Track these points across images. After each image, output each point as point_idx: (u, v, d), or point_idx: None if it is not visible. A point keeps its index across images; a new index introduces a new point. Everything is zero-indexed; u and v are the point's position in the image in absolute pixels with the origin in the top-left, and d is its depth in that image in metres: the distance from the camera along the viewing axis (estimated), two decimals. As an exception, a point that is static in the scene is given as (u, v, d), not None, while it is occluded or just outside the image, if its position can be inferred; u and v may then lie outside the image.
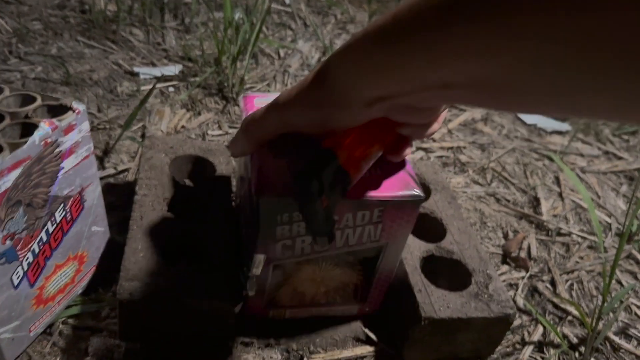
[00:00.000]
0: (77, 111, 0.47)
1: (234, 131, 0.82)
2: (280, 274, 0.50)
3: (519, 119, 0.99)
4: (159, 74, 0.90)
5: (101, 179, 0.69)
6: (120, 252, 0.52)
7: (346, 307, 0.55)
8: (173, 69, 0.92)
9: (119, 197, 0.66)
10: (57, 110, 0.48)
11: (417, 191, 0.45)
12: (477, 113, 0.98)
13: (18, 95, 0.49)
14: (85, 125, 0.49)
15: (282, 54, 1.03)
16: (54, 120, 0.45)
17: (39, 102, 0.48)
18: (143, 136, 0.77)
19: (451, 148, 0.87)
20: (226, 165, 0.64)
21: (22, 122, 0.46)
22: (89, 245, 0.54)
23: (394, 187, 0.45)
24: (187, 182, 0.66)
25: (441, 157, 0.85)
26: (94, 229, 0.54)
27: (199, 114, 0.84)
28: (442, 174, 0.69)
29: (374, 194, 0.45)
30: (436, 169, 0.70)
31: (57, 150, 0.46)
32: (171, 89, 0.88)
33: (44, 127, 0.44)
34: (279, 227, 0.45)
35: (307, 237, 0.46)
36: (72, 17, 1.01)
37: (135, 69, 0.90)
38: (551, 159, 0.89)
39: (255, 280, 0.49)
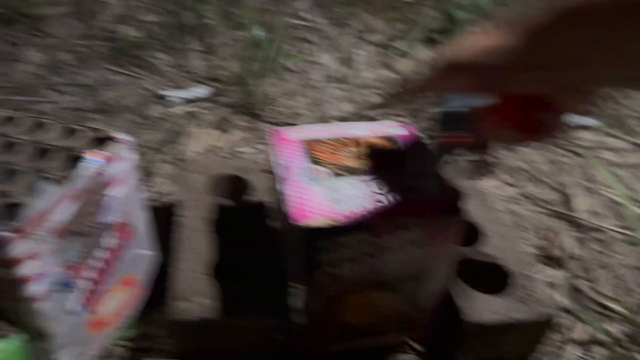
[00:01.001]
0: (122, 141, 0.49)
1: (263, 147, 0.84)
2: (327, 303, 0.50)
3: (545, 117, 0.99)
4: (187, 97, 0.92)
5: (141, 202, 0.71)
6: (168, 274, 0.53)
7: (395, 336, 0.56)
8: (200, 91, 0.94)
9: (162, 219, 0.68)
10: (103, 142, 0.50)
11: (458, 211, 0.46)
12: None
13: (66, 128, 0.51)
14: (133, 155, 0.51)
15: (304, 68, 1.05)
16: (102, 151, 0.47)
17: (86, 134, 0.50)
18: (177, 158, 0.79)
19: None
20: (261, 183, 0.66)
21: (72, 154, 0.48)
22: (139, 268, 0.56)
23: (435, 207, 0.46)
24: (226, 201, 0.68)
25: (470, 159, 0.85)
26: (142, 253, 0.56)
27: (229, 132, 0.86)
28: (473, 181, 0.69)
29: (414, 213, 0.46)
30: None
31: (105, 179, 0.48)
32: (199, 110, 0.91)
33: (93, 158, 0.46)
34: (323, 255, 0.46)
35: (353, 263, 0.47)
36: (99, 46, 1.04)
37: (164, 93, 0.92)
38: (580, 155, 0.89)
39: (301, 310, 0.50)
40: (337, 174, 0.49)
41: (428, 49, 1.16)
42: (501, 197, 0.78)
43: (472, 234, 0.62)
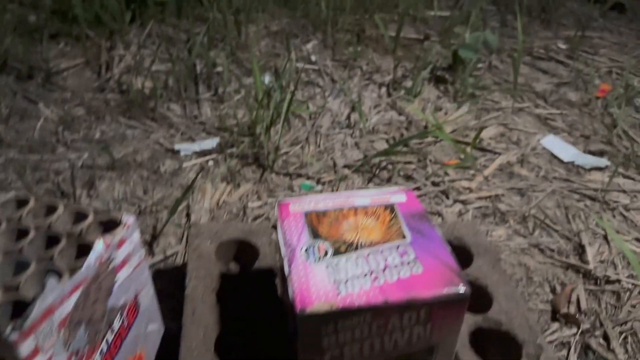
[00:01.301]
0: (127, 225, 0.50)
1: (272, 201, 0.85)
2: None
3: (556, 158, 0.98)
4: (198, 149, 0.94)
5: (151, 265, 0.72)
6: (176, 344, 0.54)
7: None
8: (211, 142, 0.95)
9: (170, 283, 0.69)
10: (108, 224, 0.51)
11: (462, 288, 0.46)
12: (513, 155, 0.97)
13: (71, 212, 0.53)
14: (136, 236, 0.52)
15: (312, 114, 1.06)
16: (107, 237, 0.49)
17: (91, 218, 0.51)
18: (188, 216, 0.80)
19: (489, 197, 0.87)
20: (269, 245, 0.66)
21: (80, 242, 0.49)
22: (146, 344, 0.56)
23: (437, 284, 0.46)
24: (233, 265, 0.69)
25: (479, 207, 0.85)
26: (149, 329, 0.57)
27: (239, 186, 0.87)
28: (483, 235, 0.69)
29: (416, 294, 0.45)
30: (476, 229, 0.70)
31: (111, 265, 0.49)
32: (210, 163, 0.92)
33: (98, 246, 0.47)
34: (324, 339, 0.46)
35: (354, 344, 0.47)
36: (112, 99, 1.06)
37: (176, 147, 0.94)
38: (592, 199, 0.88)
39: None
40: (338, 250, 0.50)
41: (436, 88, 1.16)
42: (512, 249, 0.77)
43: (481, 297, 0.61)
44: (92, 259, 0.46)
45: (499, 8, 1.60)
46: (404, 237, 0.52)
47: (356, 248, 0.50)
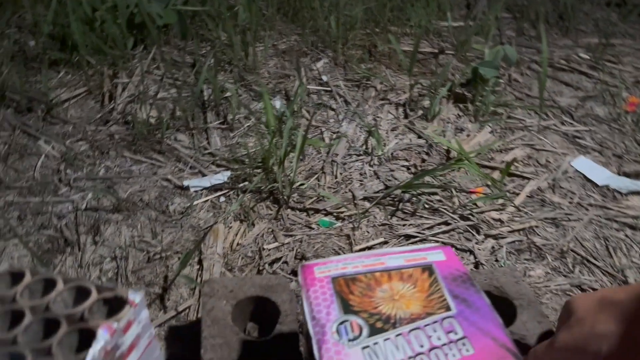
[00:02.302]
0: (134, 304, 0.45)
1: (289, 240, 0.79)
2: None
3: (589, 181, 0.92)
4: (208, 184, 0.88)
5: (163, 323, 0.67)
6: None
7: None
8: (222, 177, 0.90)
9: (184, 345, 0.63)
10: (113, 303, 0.46)
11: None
12: (543, 180, 0.91)
13: (72, 287, 0.47)
14: (144, 314, 0.46)
15: (327, 141, 1.00)
16: (112, 322, 0.43)
17: (94, 296, 0.46)
18: (200, 263, 0.75)
19: (523, 230, 0.81)
20: (289, 303, 0.61)
21: (79, 327, 0.44)
22: None
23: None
24: (251, 326, 0.63)
25: (513, 242, 0.79)
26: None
27: (253, 224, 0.82)
28: (525, 284, 0.63)
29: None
30: (516, 276, 0.64)
31: (118, 353, 0.44)
32: (222, 199, 0.86)
33: (103, 335, 0.42)
34: None
35: None
36: (116, 131, 1.01)
37: (185, 183, 0.89)
38: (634, 228, 0.82)
39: None
40: (374, 327, 0.44)
41: (455, 107, 1.10)
42: (553, 291, 0.71)
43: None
44: (95, 351, 0.41)
45: (514, 15, 1.54)
46: (447, 307, 0.46)
47: (395, 324, 0.45)
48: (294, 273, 0.73)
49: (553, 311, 0.68)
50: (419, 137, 1.01)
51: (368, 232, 0.81)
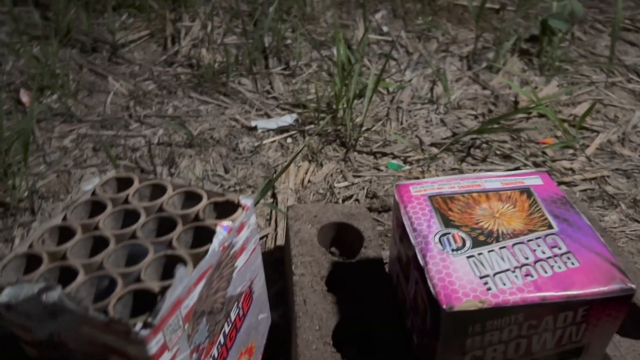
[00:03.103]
0: (245, 207, 0.46)
1: (359, 180, 0.80)
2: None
3: (661, 136, 0.90)
4: (275, 126, 0.89)
5: (242, 248, 0.68)
6: (280, 333, 0.50)
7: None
8: (288, 119, 0.91)
9: (266, 269, 0.65)
10: (222, 207, 0.47)
11: (628, 283, 0.40)
12: (613, 134, 0.90)
13: (182, 192, 0.48)
14: (253, 220, 0.48)
15: (391, 89, 1.00)
16: (229, 222, 0.44)
17: (205, 200, 0.47)
18: (274, 196, 0.76)
19: (594, 179, 0.80)
20: (372, 230, 0.62)
21: (196, 225, 0.45)
22: (257, 334, 0.53)
23: (599, 281, 0.41)
24: (334, 251, 0.64)
25: (586, 190, 0.78)
26: (260, 317, 0.53)
27: (321, 165, 0.82)
28: (582, 204, 0.63)
29: (577, 291, 0.40)
30: (573, 197, 0.64)
31: (232, 251, 0.45)
32: (289, 140, 0.87)
33: (222, 231, 0.43)
34: (468, 339, 0.41)
35: (499, 345, 0.42)
36: (182, 73, 1.02)
37: (253, 123, 0.90)
38: None
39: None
40: (477, 240, 0.45)
41: (520, 60, 1.08)
42: (629, 236, 0.71)
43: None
44: (216, 244, 0.42)
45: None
46: (549, 226, 0.46)
47: (498, 238, 0.45)
48: (370, 209, 0.74)
49: (629, 254, 0.68)
50: (484, 88, 1.00)
51: (438, 175, 0.81)
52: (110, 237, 0.44)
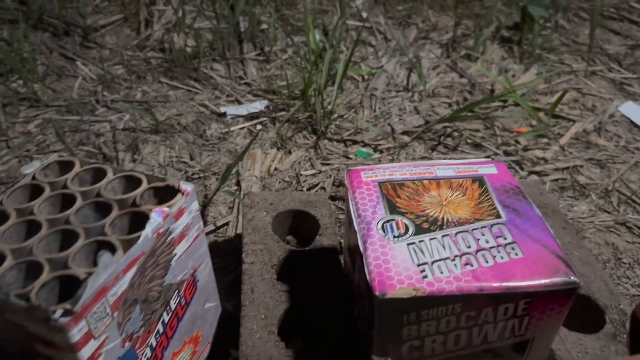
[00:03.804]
0: (186, 193, 0.45)
1: (327, 169, 0.78)
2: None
3: (637, 126, 0.88)
4: (245, 112, 0.88)
5: (201, 236, 0.67)
6: (233, 322, 0.49)
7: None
8: (259, 105, 0.89)
9: (223, 258, 0.64)
10: (164, 193, 0.46)
11: (572, 277, 0.39)
12: (589, 123, 0.88)
13: (122, 176, 0.47)
14: (195, 206, 0.46)
15: (366, 76, 0.98)
16: (164, 207, 0.43)
17: (144, 185, 0.46)
18: (238, 183, 0.75)
19: (567, 168, 0.79)
20: (329, 217, 0.60)
21: (131, 211, 0.44)
22: (203, 323, 0.51)
23: (542, 273, 0.39)
24: (290, 239, 0.63)
25: (557, 180, 0.77)
26: (207, 306, 0.51)
27: (290, 152, 0.81)
28: (550, 195, 0.62)
29: (517, 283, 0.39)
30: (541, 188, 0.63)
31: (169, 238, 0.43)
32: (259, 127, 0.86)
33: (156, 217, 0.42)
34: (405, 328, 0.40)
35: (437, 335, 0.41)
36: (153, 57, 1.00)
37: (222, 109, 0.88)
38: (683, 172, 0.79)
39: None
40: (420, 227, 0.43)
41: (500, 48, 1.07)
42: (597, 227, 0.69)
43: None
44: (149, 231, 0.41)
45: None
46: (497, 215, 0.45)
47: (442, 226, 0.44)
48: (332, 198, 0.73)
49: (596, 245, 0.67)
50: (461, 76, 0.98)
51: (406, 163, 0.80)
52: (43, 222, 0.42)
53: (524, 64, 1.02)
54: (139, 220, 0.43)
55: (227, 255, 0.64)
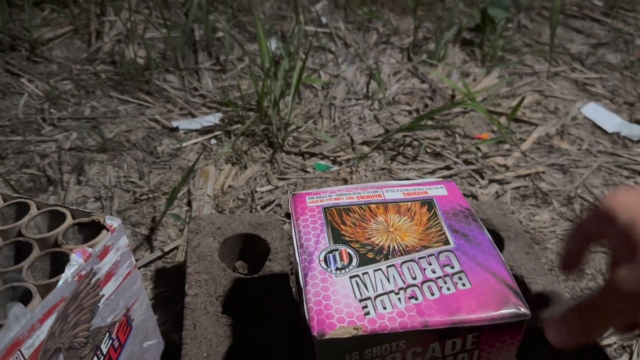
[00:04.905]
0: (111, 229, 0.41)
1: (283, 184, 0.75)
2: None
3: (599, 128, 0.87)
4: (198, 126, 0.84)
5: (150, 262, 0.64)
6: (179, 357, 0.46)
7: None
8: (213, 118, 0.86)
9: (171, 285, 0.60)
10: (89, 228, 0.42)
11: (521, 308, 0.37)
12: (552, 127, 0.87)
13: (46, 212, 0.44)
14: (123, 241, 0.43)
15: (325, 85, 0.95)
16: (86, 247, 0.40)
17: (69, 220, 0.42)
18: (189, 203, 0.71)
19: (529, 175, 0.77)
20: (280, 241, 0.58)
21: (52, 251, 0.40)
22: (143, 363, 0.48)
23: (490, 305, 0.37)
24: (239, 265, 0.60)
25: (518, 187, 0.75)
26: (145, 345, 0.48)
27: (245, 167, 0.78)
28: (512, 217, 0.60)
29: (463, 316, 0.36)
30: (503, 209, 0.61)
31: (94, 279, 0.40)
32: (213, 141, 0.82)
33: (76, 258, 0.39)
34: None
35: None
36: (103, 71, 0.96)
37: (174, 124, 0.84)
38: (645, 175, 0.78)
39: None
40: (365, 257, 0.41)
41: (462, 51, 1.05)
42: (559, 237, 0.68)
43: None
44: (68, 274, 0.37)
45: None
46: (445, 242, 0.42)
47: (387, 255, 0.41)
48: (288, 216, 0.70)
49: (558, 256, 0.65)
50: (422, 81, 0.96)
51: (366, 176, 0.77)
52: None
53: (485, 67, 1.00)
54: (61, 261, 0.39)
55: (175, 283, 0.61)
